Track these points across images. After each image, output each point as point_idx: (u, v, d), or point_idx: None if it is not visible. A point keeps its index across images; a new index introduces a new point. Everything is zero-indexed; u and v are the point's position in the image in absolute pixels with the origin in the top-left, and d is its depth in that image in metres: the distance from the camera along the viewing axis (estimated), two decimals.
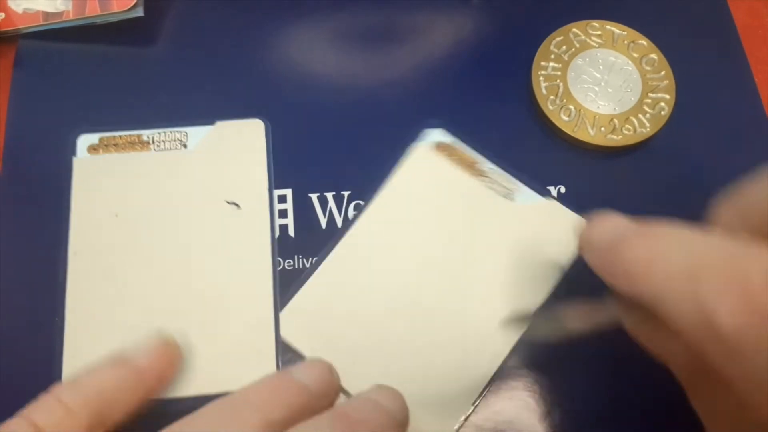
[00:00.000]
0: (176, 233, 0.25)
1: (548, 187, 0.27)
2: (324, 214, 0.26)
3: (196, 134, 0.27)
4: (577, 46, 0.29)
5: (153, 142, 0.27)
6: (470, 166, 0.27)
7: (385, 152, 0.27)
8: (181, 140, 0.27)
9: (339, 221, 0.26)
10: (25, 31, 0.28)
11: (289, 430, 0.19)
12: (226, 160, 0.27)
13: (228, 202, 0.26)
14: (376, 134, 0.28)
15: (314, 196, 0.27)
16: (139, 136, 0.27)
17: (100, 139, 0.27)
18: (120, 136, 0.27)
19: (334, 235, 0.26)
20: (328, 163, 0.27)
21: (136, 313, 0.24)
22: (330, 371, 0.22)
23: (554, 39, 0.29)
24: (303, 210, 0.26)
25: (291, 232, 0.26)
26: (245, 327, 0.24)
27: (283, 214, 0.26)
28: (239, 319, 0.24)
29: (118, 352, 0.22)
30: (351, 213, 0.26)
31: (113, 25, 0.29)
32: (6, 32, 0.28)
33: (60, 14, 0.28)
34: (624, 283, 0.18)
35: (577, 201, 0.27)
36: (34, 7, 0.28)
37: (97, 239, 0.25)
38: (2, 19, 0.28)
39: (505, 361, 0.24)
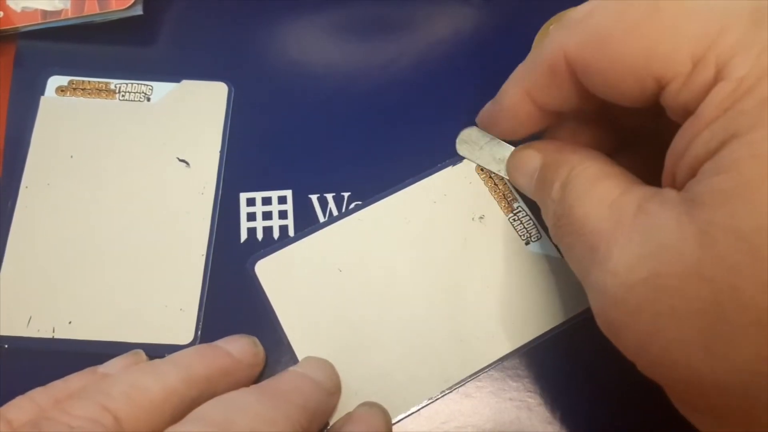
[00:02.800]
0: (125, 182, 0.27)
1: None
2: (324, 215, 0.26)
3: (161, 89, 0.28)
4: None
5: (119, 91, 0.28)
6: (504, 198, 0.26)
7: (385, 153, 0.27)
8: (145, 93, 0.28)
9: None
10: (23, 30, 0.28)
11: (217, 398, 0.19)
12: (185, 117, 0.28)
13: (179, 159, 0.27)
14: (377, 134, 0.28)
15: (314, 197, 0.27)
16: (107, 83, 0.28)
17: (69, 82, 0.28)
18: (89, 82, 0.28)
19: None
20: (329, 163, 0.27)
21: (74, 251, 0.25)
22: (254, 343, 0.23)
23: (551, 26, 0.29)
24: (303, 211, 0.26)
25: (291, 232, 0.26)
26: (173, 284, 0.25)
27: (283, 214, 0.26)
28: (169, 275, 0.25)
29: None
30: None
31: (113, 24, 0.29)
32: (5, 31, 0.28)
33: (59, 12, 0.28)
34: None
35: None
36: (33, 6, 0.28)
37: (49, 177, 0.26)
38: (1, 18, 0.28)
39: (495, 363, 0.24)
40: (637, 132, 0.22)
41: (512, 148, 0.25)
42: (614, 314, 0.17)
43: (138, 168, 0.27)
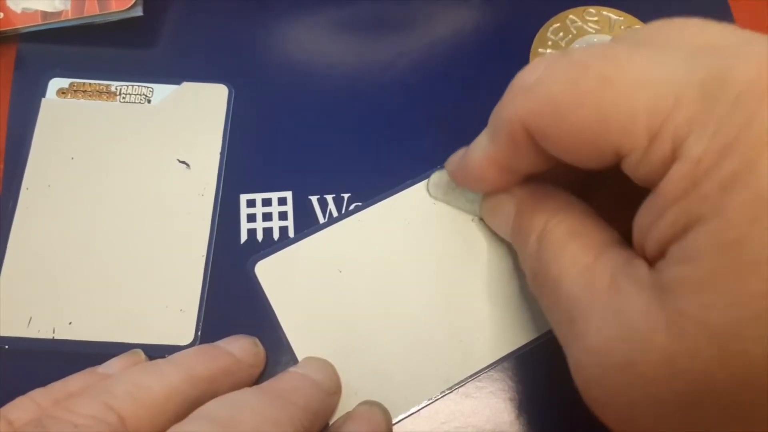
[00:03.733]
0: (125, 183, 0.27)
1: None
2: (324, 216, 0.26)
3: (162, 91, 0.28)
4: (574, 32, 0.29)
5: (120, 93, 0.28)
6: None
7: (385, 154, 0.27)
8: (146, 95, 0.28)
9: None
10: (23, 31, 0.28)
11: (220, 398, 0.19)
12: (186, 119, 0.28)
13: (179, 161, 0.27)
14: (377, 136, 0.28)
15: (314, 198, 0.27)
16: (108, 86, 0.28)
17: (70, 84, 0.28)
18: (90, 84, 0.28)
19: None
20: (329, 165, 0.27)
21: (75, 252, 0.25)
22: (255, 343, 0.23)
23: (551, 26, 0.29)
24: (303, 212, 0.26)
25: (291, 233, 0.26)
26: (173, 285, 0.25)
27: (283, 216, 0.26)
28: (169, 276, 0.25)
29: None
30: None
31: (113, 26, 0.29)
32: (5, 32, 0.28)
33: (59, 14, 0.28)
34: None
35: None
36: (33, 7, 0.28)
37: (50, 179, 0.26)
38: (1, 19, 0.28)
39: (495, 363, 0.24)
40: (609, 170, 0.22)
41: None
42: (593, 392, 0.17)
43: (138, 169, 0.27)
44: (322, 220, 0.26)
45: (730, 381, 0.14)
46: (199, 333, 0.24)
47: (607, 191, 0.21)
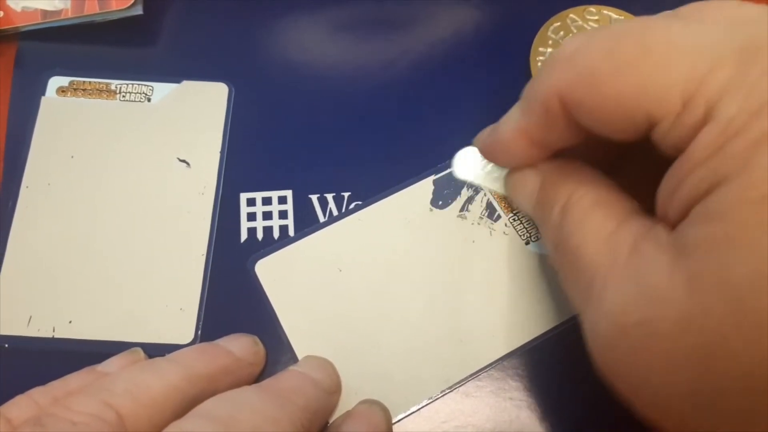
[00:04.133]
0: (125, 182, 0.27)
1: None
2: (324, 215, 0.26)
3: (162, 90, 0.28)
4: (575, 31, 0.29)
5: (120, 92, 0.28)
6: (504, 198, 0.26)
7: (385, 153, 0.27)
8: (146, 94, 0.28)
9: None
10: (24, 30, 0.28)
11: (219, 396, 0.19)
12: (186, 118, 0.28)
13: (179, 159, 0.27)
14: (377, 134, 0.28)
15: (314, 197, 0.27)
16: (107, 84, 0.28)
17: (70, 83, 0.28)
18: (89, 82, 0.28)
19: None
20: (329, 163, 0.27)
21: (75, 251, 0.25)
22: (255, 342, 0.23)
23: (552, 25, 0.29)
24: (303, 211, 0.26)
25: (291, 232, 0.26)
26: (173, 284, 0.25)
27: (283, 214, 0.26)
28: (169, 275, 0.25)
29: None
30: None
31: (113, 24, 0.29)
32: (4, 31, 0.28)
33: (59, 12, 0.28)
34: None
35: None
36: (33, 5, 0.28)
37: (49, 177, 0.27)
38: (1, 18, 0.28)
39: (495, 362, 0.24)
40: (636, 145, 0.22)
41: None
42: (608, 355, 0.17)
43: (138, 168, 0.27)
44: (322, 219, 0.26)
45: (743, 339, 0.14)
46: (199, 332, 0.24)
47: (631, 169, 0.22)
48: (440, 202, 0.26)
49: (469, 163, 0.25)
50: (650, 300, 0.16)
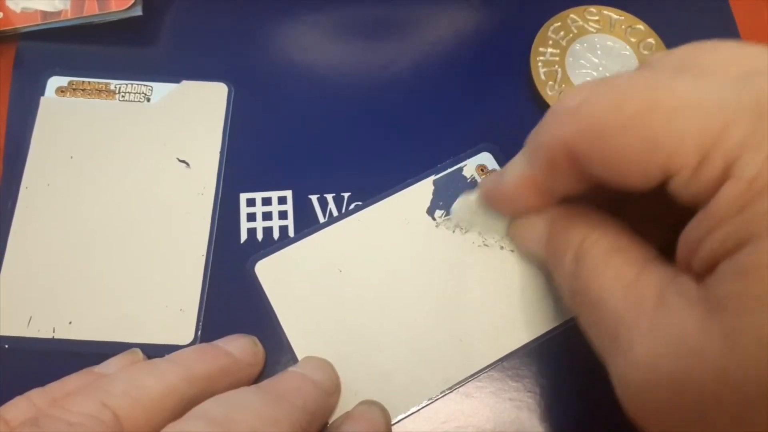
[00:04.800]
0: (125, 182, 0.27)
1: None
2: (324, 216, 0.26)
3: (161, 90, 0.28)
4: (575, 31, 0.29)
5: (119, 92, 0.28)
6: None
7: (385, 153, 0.27)
8: (145, 94, 0.28)
9: None
10: (23, 31, 0.28)
11: (217, 397, 0.19)
12: (185, 118, 0.28)
13: (179, 160, 0.27)
14: (377, 135, 0.28)
15: (314, 198, 0.27)
16: (107, 84, 0.28)
17: (69, 83, 0.28)
18: (89, 82, 0.28)
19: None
20: (329, 164, 0.27)
21: (75, 251, 0.25)
22: (254, 343, 0.23)
23: (552, 25, 0.29)
24: (303, 211, 0.26)
25: (291, 233, 0.26)
26: (173, 285, 0.25)
27: (283, 215, 0.26)
28: (169, 276, 0.25)
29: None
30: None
31: (112, 25, 0.29)
32: (4, 32, 0.28)
33: (58, 13, 0.28)
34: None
35: None
36: (32, 7, 0.28)
37: (49, 177, 0.26)
38: (0, 19, 0.28)
39: (495, 363, 0.24)
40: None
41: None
42: (641, 407, 0.17)
43: (138, 168, 0.27)
44: (322, 220, 0.26)
45: None
46: (199, 333, 0.24)
47: (636, 208, 0.21)
48: (436, 211, 0.26)
49: (466, 209, 0.25)
50: (683, 354, 0.16)
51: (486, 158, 0.27)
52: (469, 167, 0.27)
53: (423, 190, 0.27)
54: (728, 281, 0.15)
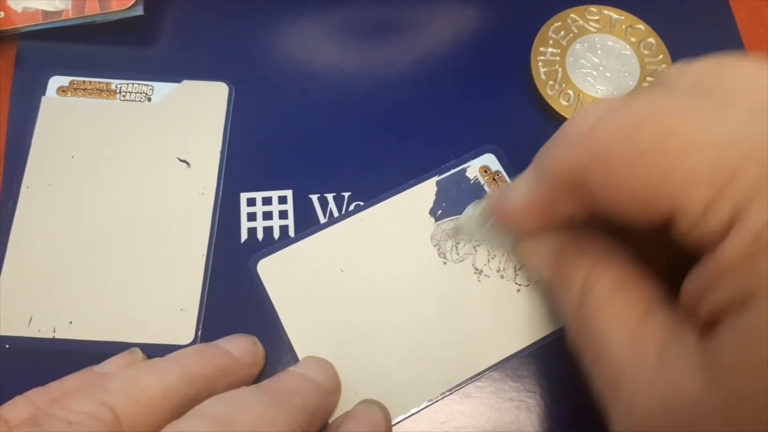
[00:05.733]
0: (126, 182, 0.27)
1: None
2: (324, 215, 0.26)
3: (162, 89, 0.28)
4: (575, 31, 0.29)
5: (120, 91, 0.28)
6: None
7: (385, 153, 0.27)
8: (146, 93, 0.28)
9: None
10: (24, 30, 0.28)
11: (217, 396, 0.19)
12: (186, 118, 0.28)
13: (180, 159, 0.27)
14: (377, 135, 0.28)
15: (314, 197, 0.27)
16: (108, 83, 0.28)
17: (70, 82, 0.28)
18: (90, 82, 0.28)
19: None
20: (329, 163, 0.27)
21: (75, 251, 0.25)
22: (254, 343, 0.23)
23: (552, 24, 0.29)
24: (303, 211, 0.26)
25: (291, 232, 0.26)
26: (173, 285, 0.25)
27: (283, 214, 0.26)
28: (169, 276, 0.25)
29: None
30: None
31: (113, 24, 0.29)
32: (5, 31, 0.28)
33: (59, 13, 0.28)
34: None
35: None
36: (34, 6, 0.28)
37: (50, 177, 0.27)
38: (1, 18, 0.28)
39: (496, 365, 0.24)
40: None
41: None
42: None
43: (139, 168, 0.27)
44: (322, 219, 0.26)
45: None
46: (200, 332, 0.24)
47: (643, 236, 0.20)
48: (439, 212, 0.26)
49: (474, 222, 0.25)
50: (682, 414, 0.15)
51: (490, 159, 0.27)
52: (473, 168, 0.27)
53: (426, 190, 0.27)
54: (730, 344, 0.14)
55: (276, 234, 0.26)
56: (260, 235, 0.26)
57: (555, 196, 0.19)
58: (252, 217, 0.26)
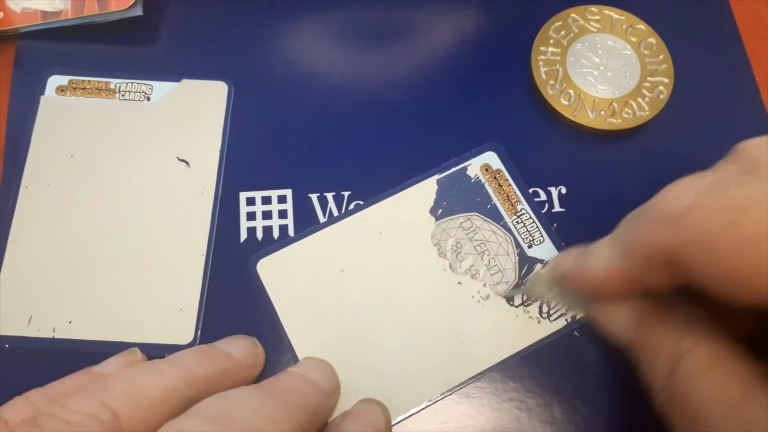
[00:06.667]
0: (125, 181, 0.27)
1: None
2: (324, 215, 0.26)
3: (161, 89, 0.28)
4: (576, 31, 0.29)
5: (119, 91, 0.28)
6: (508, 199, 0.26)
7: (385, 152, 0.27)
8: (145, 93, 0.28)
9: None
10: (23, 31, 0.28)
11: (217, 395, 0.19)
12: (185, 117, 0.28)
13: (179, 159, 0.27)
14: (377, 134, 0.28)
15: (314, 196, 0.27)
16: (107, 83, 0.28)
17: (69, 82, 0.28)
18: (89, 81, 0.28)
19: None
20: (329, 163, 0.27)
21: (75, 251, 0.25)
22: (254, 344, 0.23)
23: (553, 24, 0.29)
24: (303, 210, 0.26)
25: (291, 232, 0.26)
26: (173, 284, 0.25)
27: (282, 214, 0.26)
28: (169, 275, 0.25)
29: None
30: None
31: (113, 24, 0.29)
32: (4, 32, 0.28)
33: (58, 13, 0.28)
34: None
35: (576, 184, 0.27)
36: (33, 6, 0.28)
37: (49, 177, 0.26)
38: (1, 19, 0.28)
39: (496, 365, 0.24)
40: None
41: None
42: None
43: (138, 167, 0.27)
44: (322, 219, 0.26)
45: None
46: (199, 332, 0.24)
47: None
48: (440, 211, 0.26)
49: (544, 281, 0.24)
50: None
51: (491, 158, 0.27)
52: (474, 166, 0.27)
53: (426, 189, 0.26)
54: None
55: (275, 233, 0.26)
56: (260, 235, 0.26)
57: (643, 269, 0.18)
58: (251, 216, 0.26)
